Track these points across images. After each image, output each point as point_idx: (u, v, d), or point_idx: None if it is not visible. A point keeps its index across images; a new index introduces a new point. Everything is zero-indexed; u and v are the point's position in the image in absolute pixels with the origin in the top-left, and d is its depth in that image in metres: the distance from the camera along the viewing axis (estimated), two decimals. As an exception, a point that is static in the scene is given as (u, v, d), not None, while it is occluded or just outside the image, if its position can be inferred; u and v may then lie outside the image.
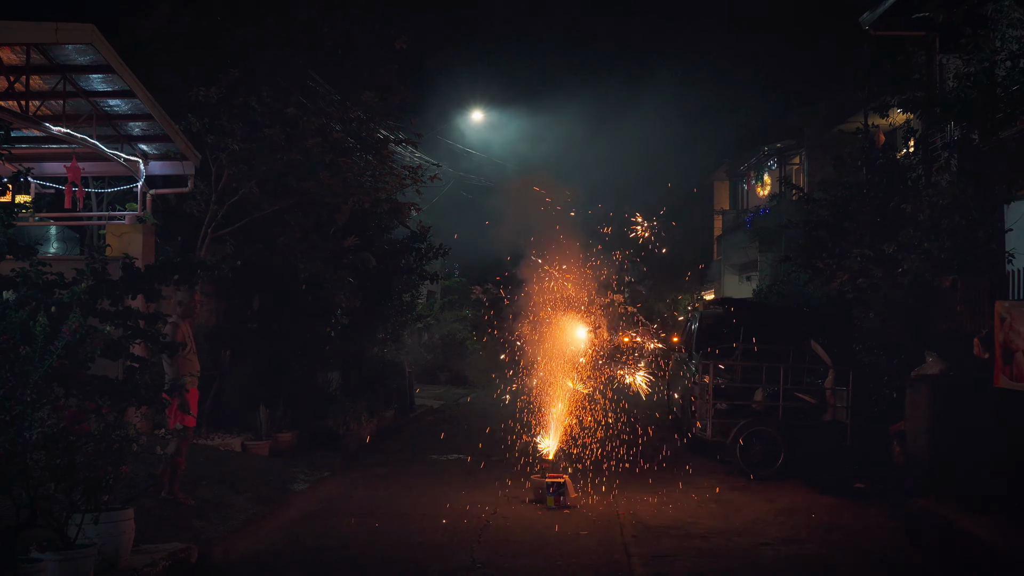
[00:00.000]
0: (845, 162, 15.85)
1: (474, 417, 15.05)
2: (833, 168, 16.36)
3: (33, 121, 12.10)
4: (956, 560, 9.26)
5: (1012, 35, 13.57)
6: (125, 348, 8.68)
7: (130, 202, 14.45)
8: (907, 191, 14.67)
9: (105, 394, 8.13)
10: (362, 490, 12.50)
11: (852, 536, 10.10)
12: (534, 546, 9.51)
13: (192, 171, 13.99)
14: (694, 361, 15.55)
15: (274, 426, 14.66)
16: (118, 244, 12.74)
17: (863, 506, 11.56)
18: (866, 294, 14.35)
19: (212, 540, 9.42)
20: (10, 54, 11.62)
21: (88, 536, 7.32)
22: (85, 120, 12.76)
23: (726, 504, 11.68)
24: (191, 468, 11.06)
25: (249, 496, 11.44)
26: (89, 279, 8.54)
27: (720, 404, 14.14)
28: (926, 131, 15.56)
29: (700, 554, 9.22)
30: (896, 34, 17.05)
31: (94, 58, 11.60)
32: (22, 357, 7.09)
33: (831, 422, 13.95)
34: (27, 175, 9.20)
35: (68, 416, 7.20)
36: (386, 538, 9.81)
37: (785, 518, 10.86)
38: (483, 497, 11.74)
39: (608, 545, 9.59)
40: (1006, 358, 10.82)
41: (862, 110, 18.01)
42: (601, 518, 10.81)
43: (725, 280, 40.03)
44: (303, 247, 15.23)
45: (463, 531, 10.03)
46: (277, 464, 13.56)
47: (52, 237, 16.74)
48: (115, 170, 13.95)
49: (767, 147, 35.25)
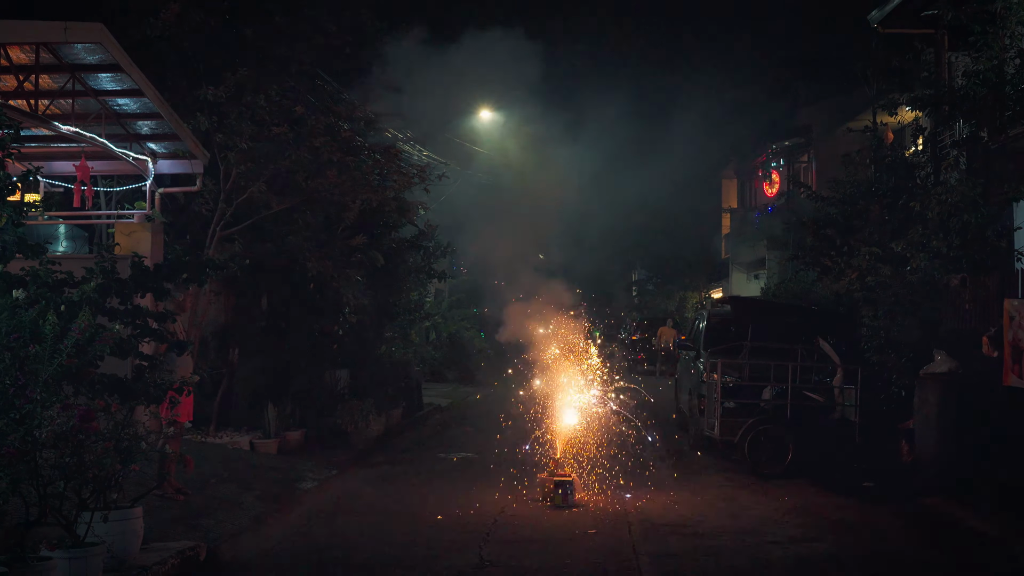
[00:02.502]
0: (854, 160, 15.83)
1: (482, 416, 15.06)
2: (842, 166, 16.34)
3: (42, 120, 12.12)
4: (965, 558, 9.25)
5: (1021, 33, 13.52)
6: (134, 346, 8.70)
7: (139, 201, 14.47)
8: (916, 189, 14.66)
9: (114, 392, 8.17)
10: (370, 488, 12.51)
11: (861, 535, 10.09)
12: (543, 544, 9.52)
13: (201, 170, 14.00)
14: (702, 360, 15.53)
15: (282, 424, 14.67)
16: (127, 243, 12.75)
17: (872, 505, 11.53)
18: (875, 292, 14.33)
19: (221, 538, 9.43)
20: (20, 53, 11.65)
21: (97, 534, 7.34)
22: (94, 119, 12.78)
23: (734, 503, 11.67)
24: (199, 466, 11.08)
25: (257, 494, 11.46)
26: (98, 277, 8.56)
27: (728, 403, 14.11)
28: (935, 129, 15.54)
29: (708, 553, 9.22)
30: (905, 32, 17.02)
31: (103, 57, 11.62)
32: (32, 356, 7.11)
33: (840, 421, 13.92)
34: (36, 174, 9.22)
35: (78, 415, 7.22)
36: (394, 536, 9.82)
37: (793, 517, 10.84)
38: (491, 495, 11.74)
39: (617, 543, 9.59)
40: (1015, 356, 10.80)
41: (871, 108, 17.99)
42: (609, 517, 10.81)
43: (733, 278, 39.96)
44: (311, 245, 15.24)
45: (472, 529, 10.03)
46: (285, 462, 13.58)
47: (61, 236, 16.77)
48: (124, 169, 13.97)
49: (775, 145, 35.19)
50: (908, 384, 13.22)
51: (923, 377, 12.29)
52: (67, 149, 13.39)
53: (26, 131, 11.36)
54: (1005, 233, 13.14)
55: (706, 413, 14.57)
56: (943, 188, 13.88)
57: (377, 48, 17.10)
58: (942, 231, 13.45)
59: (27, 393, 6.92)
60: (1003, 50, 13.72)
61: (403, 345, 21.43)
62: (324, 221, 15.89)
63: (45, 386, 7.11)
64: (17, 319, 7.34)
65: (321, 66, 16.83)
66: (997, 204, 13.43)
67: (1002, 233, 13.10)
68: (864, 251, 14.25)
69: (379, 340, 19.60)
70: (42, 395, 7.02)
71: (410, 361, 21.34)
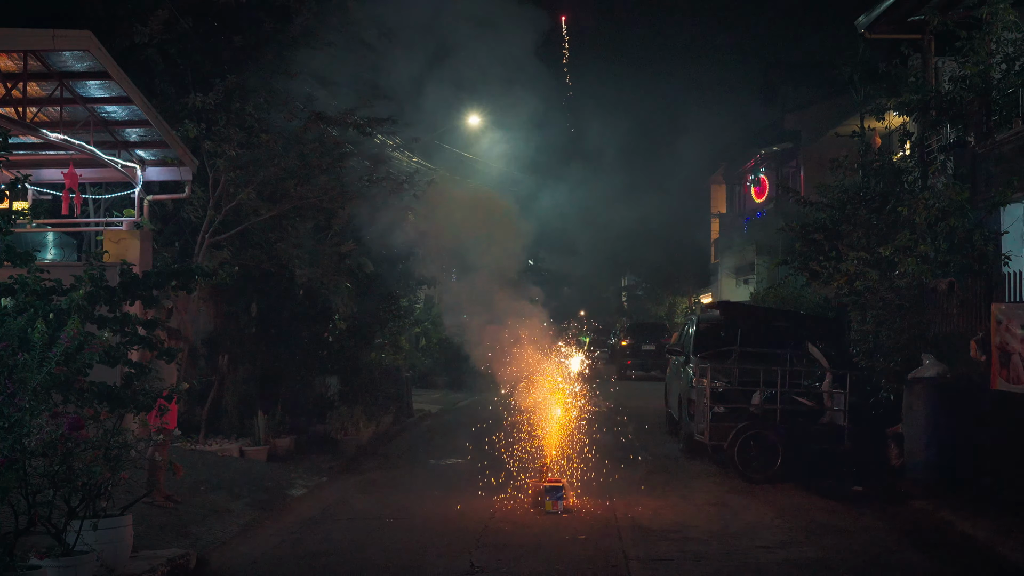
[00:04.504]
0: (841, 165, 15.88)
1: (472, 422, 15.04)
2: (830, 171, 16.40)
3: (31, 127, 12.09)
4: (955, 562, 9.28)
5: (1007, 38, 13.64)
6: (123, 354, 8.69)
7: (128, 208, 14.44)
8: (903, 194, 14.71)
9: (103, 400, 8.14)
10: (360, 495, 12.50)
11: (850, 539, 10.10)
12: (532, 550, 9.52)
13: (190, 177, 13.98)
14: (691, 364, 15.57)
15: (272, 431, 14.67)
16: (116, 250, 12.73)
17: (861, 509, 11.55)
18: (863, 297, 14.38)
19: (211, 546, 9.43)
20: (7, 61, 11.62)
21: (87, 542, 7.33)
22: (82, 126, 12.76)
23: (724, 507, 11.68)
24: (189, 474, 11.06)
25: (247, 501, 11.45)
26: (87, 285, 8.54)
27: (718, 407, 14.14)
28: (922, 134, 15.63)
29: (698, 557, 9.23)
30: (892, 37, 17.11)
31: (91, 64, 11.60)
32: (20, 364, 7.10)
33: (829, 425, 13.96)
34: (24, 181, 9.21)
35: (67, 423, 7.21)
36: (384, 543, 9.81)
37: (783, 521, 10.86)
38: (481, 501, 11.74)
39: (606, 549, 9.59)
40: (1003, 360, 10.85)
41: (858, 113, 18.05)
42: (599, 522, 10.82)
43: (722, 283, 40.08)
44: (300, 252, 15.24)
45: (462, 535, 10.03)
46: (275, 469, 13.57)
47: (50, 243, 16.73)
48: (112, 176, 13.94)
49: (764, 150, 35.30)
50: (897, 388, 13.27)
51: (911, 381, 12.33)
52: (55, 156, 13.36)
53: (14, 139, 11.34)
54: (992, 237, 13.20)
55: (696, 418, 14.59)
56: (930, 193, 13.95)
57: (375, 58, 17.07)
58: (930, 236, 13.51)
59: (16, 401, 6.91)
60: (989, 55, 13.82)
61: (393, 351, 21.41)
62: (313, 228, 15.87)
63: (34, 394, 7.10)
64: (5, 327, 7.33)
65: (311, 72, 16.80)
66: (984, 208, 13.51)
67: (989, 237, 13.16)
68: (852, 256, 14.30)
69: (369, 346, 19.58)
70: (31, 403, 7.01)
71: (400, 367, 21.34)
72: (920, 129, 15.92)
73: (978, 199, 13.77)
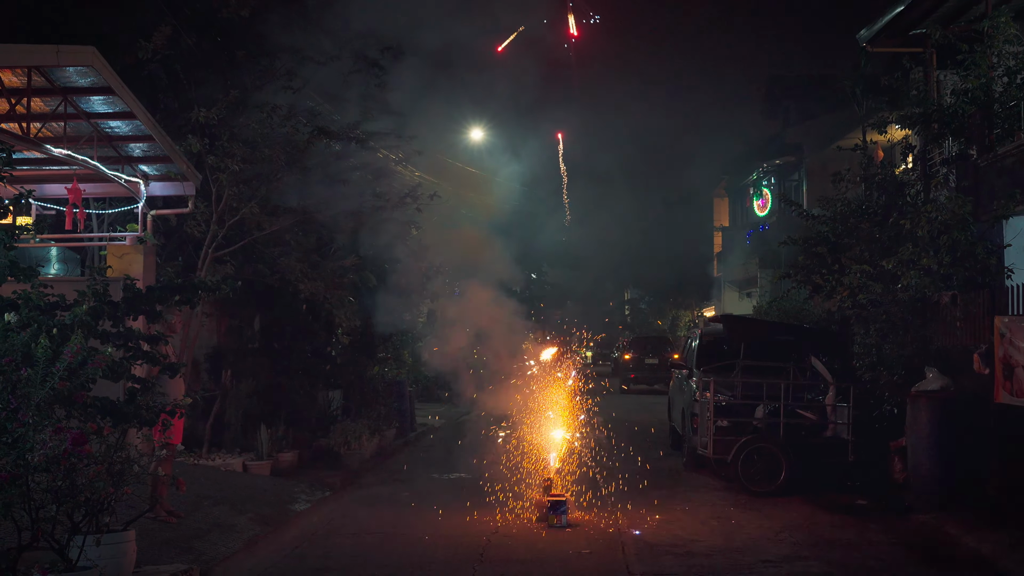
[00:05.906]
0: (844, 178, 15.90)
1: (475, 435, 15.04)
2: (832, 184, 16.41)
3: (34, 143, 12.13)
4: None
5: (1009, 51, 13.68)
6: (126, 369, 8.69)
7: (131, 223, 14.46)
8: (906, 207, 14.72)
9: (107, 415, 8.15)
10: (363, 509, 12.49)
11: (854, 553, 10.08)
12: (537, 565, 9.50)
13: (193, 192, 14.01)
14: (694, 378, 15.55)
15: (275, 446, 14.64)
16: (119, 265, 12.75)
17: (865, 522, 11.53)
18: (866, 310, 14.36)
19: (214, 561, 9.40)
20: (11, 76, 11.66)
21: (90, 558, 7.32)
22: (86, 141, 12.79)
23: (728, 521, 11.66)
24: (192, 488, 11.05)
25: (250, 516, 11.43)
26: (90, 300, 8.56)
27: (721, 421, 14.11)
28: (924, 147, 15.63)
29: (702, 572, 9.21)
30: (893, 50, 17.16)
31: (95, 80, 11.64)
32: (24, 379, 7.11)
33: (832, 438, 13.93)
34: (28, 197, 9.24)
35: (70, 438, 7.20)
36: (388, 558, 9.79)
37: (787, 535, 10.84)
38: (485, 516, 11.72)
39: (610, 563, 9.57)
40: (1006, 373, 10.83)
41: (860, 126, 18.08)
42: (603, 536, 10.79)
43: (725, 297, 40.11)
44: (303, 267, 15.25)
45: (465, 550, 10.01)
46: (278, 484, 13.55)
47: (53, 258, 16.75)
48: (116, 191, 13.97)
49: (766, 164, 35.37)
50: (900, 401, 13.24)
51: (915, 394, 12.31)
52: (59, 172, 13.39)
53: (18, 154, 11.38)
54: (995, 250, 13.19)
55: (699, 431, 14.57)
56: (933, 206, 13.94)
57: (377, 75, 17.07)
58: (932, 249, 13.50)
59: (19, 417, 6.92)
60: (991, 68, 13.85)
61: (396, 365, 21.40)
62: (316, 242, 15.89)
63: (37, 409, 7.11)
64: (9, 342, 7.35)
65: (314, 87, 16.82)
66: (987, 221, 13.50)
67: (992, 250, 13.15)
68: (855, 269, 14.29)
69: (372, 360, 19.57)
70: (34, 418, 7.02)
71: (403, 381, 21.33)
72: (922, 142, 15.93)
73: (981, 212, 13.77)
